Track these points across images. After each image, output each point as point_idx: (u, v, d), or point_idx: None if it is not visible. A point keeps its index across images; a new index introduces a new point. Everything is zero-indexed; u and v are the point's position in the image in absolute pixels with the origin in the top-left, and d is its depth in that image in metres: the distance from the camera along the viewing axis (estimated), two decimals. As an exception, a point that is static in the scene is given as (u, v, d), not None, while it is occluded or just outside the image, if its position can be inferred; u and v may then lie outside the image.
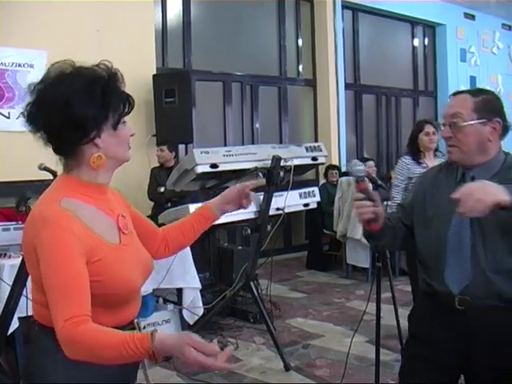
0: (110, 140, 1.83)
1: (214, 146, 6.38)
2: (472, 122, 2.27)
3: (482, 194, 1.93)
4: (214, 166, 4.50)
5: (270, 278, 5.39)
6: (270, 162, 4.53)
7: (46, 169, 4.40)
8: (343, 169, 9.25)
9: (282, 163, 4.57)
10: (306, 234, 8.95)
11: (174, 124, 7.15)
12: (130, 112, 1.90)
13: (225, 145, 8.56)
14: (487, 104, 2.31)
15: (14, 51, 6.72)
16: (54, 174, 4.39)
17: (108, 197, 1.94)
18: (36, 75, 6.83)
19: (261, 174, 4.05)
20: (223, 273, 6.27)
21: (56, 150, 1.84)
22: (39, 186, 3.87)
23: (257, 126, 9.34)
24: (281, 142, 9.28)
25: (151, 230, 2.20)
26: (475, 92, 2.35)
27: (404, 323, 4.01)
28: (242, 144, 8.75)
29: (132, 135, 1.94)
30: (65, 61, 1.88)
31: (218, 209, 2.26)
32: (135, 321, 1.99)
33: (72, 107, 1.74)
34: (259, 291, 5.38)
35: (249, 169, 4.52)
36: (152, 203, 7.02)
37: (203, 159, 4.58)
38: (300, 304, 6.69)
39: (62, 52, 7.30)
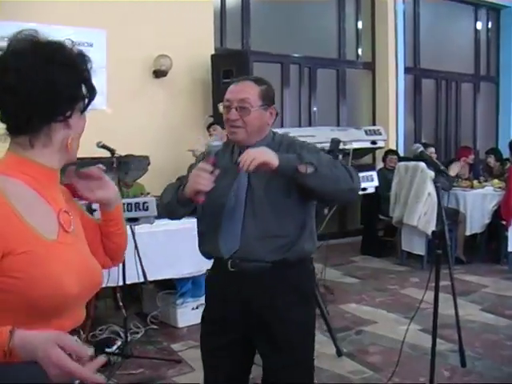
0: (77, 123, 1.65)
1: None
2: (257, 108, 2.56)
3: (257, 152, 2.37)
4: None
5: (325, 263, 5.34)
6: (328, 144, 4.47)
7: (105, 146, 4.46)
8: (402, 154, 9.15)
9: (341, 146, 4.51)
10: (362, 218, 8.87)
11: (230, 105, 7.11)
12: (90, 102, 1.70)
13: (281, 127, 8.50)
14: (268, 92, 2.65)
15: (74, 30, 6.75)
16: (112, 151, 4.45)
17: (56, 186, 1.70)
18: (95, 54, 6.89)
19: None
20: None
21: (19, 126, 1.59)
22: (96, 164, 3.94)
23: (314, 108, 9.27)
24: (338, 126, 9.17)
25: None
26: (257, 80, 2.66)
27: (461, 313, 3.95)
28: (299, 126, 8.69)
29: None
30: (29, 31, 1.61)
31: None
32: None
33: (58, 77, 1.56)
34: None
35: (306, 151, 4.47)
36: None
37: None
38: (353, 289, 6.63)
39: (121, 31, 7.38)
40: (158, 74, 7.15)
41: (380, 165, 8.87)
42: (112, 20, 6.81)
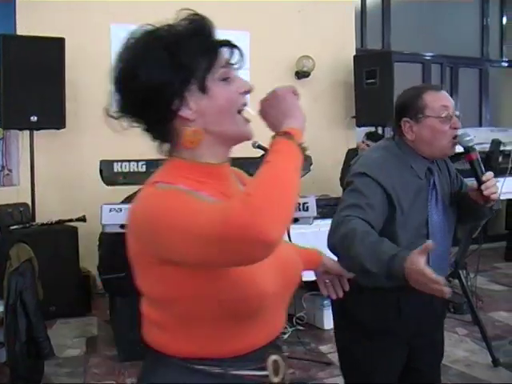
0: (205, 109, 1.41)
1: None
2: None
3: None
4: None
5: (477, 268, 5.15)
6: (488, 146, 4.32)
7: (261, 146, 4.47)
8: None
9: (501, 147, 4.34)
10: (507, 224, 8.49)
11: (374, 106, 7.02)
12: (233, 64, 1.47)
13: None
14: None
15: (218, 32, 6.89)
16: (266, 150, 4.47)
17: (221, 179, 1.48)
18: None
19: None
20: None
21: (152, 136, 1.48)
22: (253, 163, 3.97)
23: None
24: (480, 126, 8.87)
25: None
26: None
27: None
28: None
29: (247, 92, 1.47)
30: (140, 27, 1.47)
31: (324, 265, 1.94)
32: (270, 359, 1.46)
33: (138, 78, 1.37)
34: (467, 281, 5.16)
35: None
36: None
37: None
38: (502, 297, 6.35)
39: (265, 33, 7.47)
40: (300, 75, 7.18)
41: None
42: (255, 22, 6.90)
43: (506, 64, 9.59)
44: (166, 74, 1.37)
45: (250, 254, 1.19)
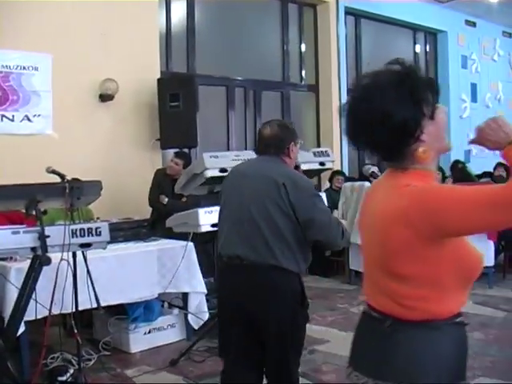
0: (432, 131, 1.85)
1: (217, 150, 6.34)
2: None
3: None
4: (223, 170, 4.47)
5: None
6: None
7: (55, 172, 4.38)
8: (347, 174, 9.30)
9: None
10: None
11: (178, 128, 7.12)
12: (438, 94, 1.90)
13: (228, 149, 8.54)
14: None
15: (19, 54, 6.70)
16: (63, 176, 4.38)
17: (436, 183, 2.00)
18: (41, 78, 6.85)
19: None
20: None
21: (385, 157, 1.93)
22: (50, 189, 3.87)
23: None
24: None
25: None
26: None
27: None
28: (246, 149, 8.72)
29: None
30: (366, 74, 1.96)
31: None
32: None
33: (391, 117, 1.78)
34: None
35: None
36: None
37: (212, 163, 4.57)
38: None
39: (67, 55, 7.31)
40: (105, 98, 7.10)
41: (326, 186, 8.98)
42: (58, 44, 6.76)
43: (305, 88, 10.12)
44: (411, 109, 1.80)
45: None
